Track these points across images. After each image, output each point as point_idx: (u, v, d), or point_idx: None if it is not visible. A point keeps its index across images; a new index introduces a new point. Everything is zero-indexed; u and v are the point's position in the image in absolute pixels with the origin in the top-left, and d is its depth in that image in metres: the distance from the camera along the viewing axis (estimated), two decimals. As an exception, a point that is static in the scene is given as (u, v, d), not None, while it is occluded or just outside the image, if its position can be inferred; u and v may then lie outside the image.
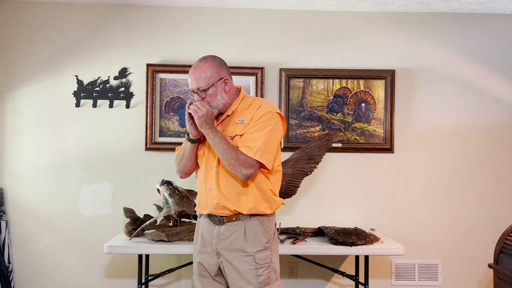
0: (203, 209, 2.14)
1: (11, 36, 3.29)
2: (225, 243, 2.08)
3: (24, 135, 3.29)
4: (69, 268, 3.28)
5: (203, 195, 2.13)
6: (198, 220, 2.24)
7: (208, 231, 2.14)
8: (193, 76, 2.06)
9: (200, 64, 2.08)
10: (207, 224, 2.15)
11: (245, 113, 2.10)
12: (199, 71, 2.06)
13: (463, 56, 3.39)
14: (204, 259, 2.17)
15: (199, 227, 2.22)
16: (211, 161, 2.10)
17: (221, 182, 2.08)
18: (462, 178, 3.38)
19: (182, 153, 2.19)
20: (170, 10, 3.34)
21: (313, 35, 3.38)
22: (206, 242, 2.16)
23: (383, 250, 2.76)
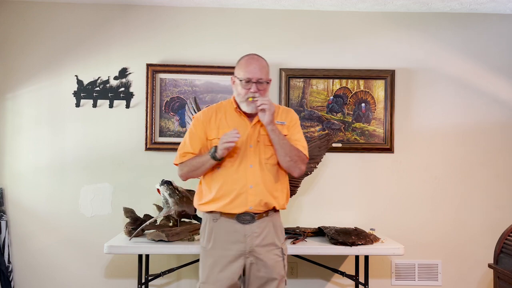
0: (239, 207, 2.12)
1: (11, 36, 3.29)
2: (258, 239, 2.14)
3: (24, 135, 3.28)
4: (69, 268, 3.28)
5: (242, 192, 2.12)
6: (213, 224, 2.17)
7: (233, 232, 2.13)
8: (258, 65, 2.12)
9: (260, 58, 2.18)
10: (233, 225, 2.13)
11: (279, 115, 2.22)
12: (262, 62, 2.16)
13: (463, 56, 3.39)
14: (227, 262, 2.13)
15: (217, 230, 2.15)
16: (251, 158, 2.15)
17: (266, 179, 2.15)
18: (462, 178, 3.38)
19: (197, 166, 2.17)
20: (170, 10, 3.34)
21: (313, 35, 3.38)
22: (230, 245, 2.13)
23: (383, 250, 2.76)
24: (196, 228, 2.87)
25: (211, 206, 2.18)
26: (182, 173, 2.24)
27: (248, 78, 2.10)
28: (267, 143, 2.17)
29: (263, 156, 2.16)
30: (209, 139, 2.20)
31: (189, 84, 3.32)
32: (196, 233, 2.83)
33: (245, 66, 2.14)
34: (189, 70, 3.29)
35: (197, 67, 3.29)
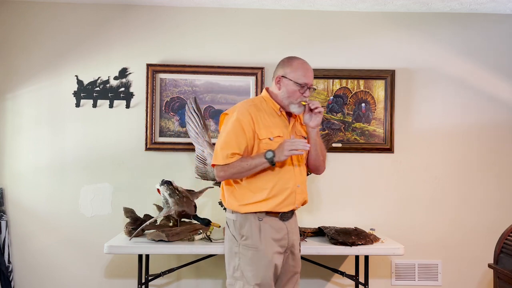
0: (288, 205, 2.18)
1: (11, 36, 3.29)
2: (295, 235, 2.26)
3: (24, 135, 3.28)
4: (69, 268, 3.28)
5: (292, 191, 2.18)
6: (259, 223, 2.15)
7: (279, 229, 2.17)
8: (312, 72, 2.21)
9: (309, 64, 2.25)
10: (277, 223, 2.18)
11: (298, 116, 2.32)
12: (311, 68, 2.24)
13: (463, 56, 3.39)
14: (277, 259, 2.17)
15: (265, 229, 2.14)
16: (295, 158, 2.20)
17: (304, 178, 2.27)
18: (462, 178, 3.38)
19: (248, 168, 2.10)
20: (170, 10, 3.34)
21: (313, 35, 3.38)
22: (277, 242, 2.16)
23: (383, 250, 2.76)
24: (196, 228, 2.87)
25: (261, 206, 2.15)
26: (225, 175, 2.14)
27: (305, 84, 2.16)
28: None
29: (301, 157, 2.24)
30: (259, 138, 2.14)
31: (189, 84, 3.32)
32: (196, 233, 2.83)
33: (302, 70, 2.18)
34: (189, 70, 3.30)
35: (197, 67, 3.29)
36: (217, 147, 2.16)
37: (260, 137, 2.14)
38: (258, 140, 2.14)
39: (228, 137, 2.13)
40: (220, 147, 2.14)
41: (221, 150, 2.13)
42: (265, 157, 2.07)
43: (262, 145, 2.14)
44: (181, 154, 3.30)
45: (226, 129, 2.15)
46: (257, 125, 2.14)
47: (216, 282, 3.32)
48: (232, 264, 2.19)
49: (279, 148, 2.08)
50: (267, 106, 2.22)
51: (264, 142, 2.14)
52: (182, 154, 3.30)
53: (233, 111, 2.20)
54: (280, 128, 2.19)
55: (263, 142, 2.14)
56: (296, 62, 2.21)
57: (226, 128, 2.16)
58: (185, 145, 3.27)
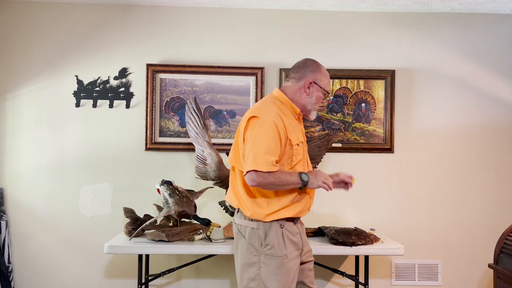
0: (306, 210, 2.21)
1: (11, 36, 3.29)
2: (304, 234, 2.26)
3: (24, 135, 3.28)
4: (69, 268, 3.28)
5: (311, 196, 2.22)
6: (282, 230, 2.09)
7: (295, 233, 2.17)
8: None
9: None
10: (293, 227, 2.15)
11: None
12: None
13: (463, 56, 3.39)
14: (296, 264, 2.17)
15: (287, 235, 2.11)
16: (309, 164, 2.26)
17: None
18: (462, 178, 3.38)
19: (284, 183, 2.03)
20: (170, 10, 3.34)
21: (313, 35, 3.38)
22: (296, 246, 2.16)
23: (383, 250, 2.76)
24: (196, 228, 2.87)
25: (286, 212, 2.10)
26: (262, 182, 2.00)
27: (328, 92, 2.23)
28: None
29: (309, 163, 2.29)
30: (292, 144, 2.08)
31: (189, 84, 3.32)
32: (196, 233, 2.83)
33: (328, 78, 2.22)
34: (189, 70, 3.30)
35: (197, 67, 3.29)
36: (259, 151, 1.99)
37: (292, 142, 2.07)
38: (290, 145, 2.07)
39: (270, 143, 2.00)
40: (264, 152, 1.99)
41: (264, 155, 1.98)
42: (300, 178, 2.03)
43: (292, 151, 2.07)
44: (181, 154, 3.30)
45: (265, 133, 2.01)
46: (288, 130, 2.07)
47: (216, 282, 3.32)
48: (247, 275, 2.09)
49: (315, 175, 2.05)
50: (287, 110, 2.14)
51: (295, 148, 2.08)
52: (182, 154, 3.30)
53: (262, 114, 2.06)
54: (301, 133, 2.17)
55: (294, 148, 2.08)
56: (323, 69, 2.21)
57: (263, 132, 2.01)
58: (185, 145, 3.27)
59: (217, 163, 2.87)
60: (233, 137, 3.29)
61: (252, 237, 2.09)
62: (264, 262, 2.06)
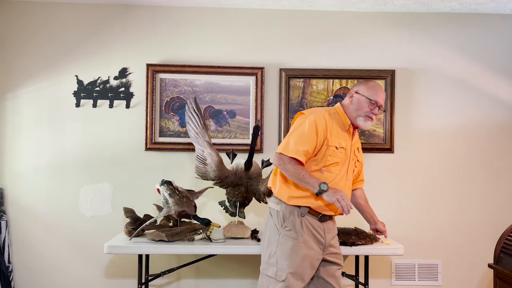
0: (331, 211, 2.32)
1: (11, 36, 3.29)
2: (331, 234, 2.39)
3: (24, 135, 3.29)
4: (69, 268, 3.28)
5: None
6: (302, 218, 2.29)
7: (317, 228, 2.31)
8: (384, 94, 2.42)
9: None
10: (315, 221, 2.31)
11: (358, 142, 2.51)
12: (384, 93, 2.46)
13: (463, 56, 3.39)
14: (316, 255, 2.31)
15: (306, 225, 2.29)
16: (349, 173, 2.39)
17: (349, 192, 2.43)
18: (462, 178, 3.38)
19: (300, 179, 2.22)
20: (170, 10, 3.34)
21: (313, 35, 3.38)
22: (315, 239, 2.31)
23: (383, 250, 2.76)
24: (196, 228, 2.87)
25: (309, 201, 2.28)
26: (282, 164, 2.24)
27: (377, 102, 2.34)
28: (356, 164, 2.44)
29: (352, 174, 2.43)
30: (330, 144, 2.28)
31: (189, 84, 3.32)
32: (196, 233, 2.83)
33: (375, 90, 2.37)
34: (189, 70, 3.30)
35: (197, 67, 3.29)
36: (291, 139, 2.26)
37: (330, 143, 2.28)
38: (327, 145, 2.28)
39: (304, 135, 2.25)
40: (295, 141, 2.24)
41: (295, 144, 2.24)
42: (319, 185, 2.18)
43: (328, 151, 2.28)
44: (181, 154, 3.31)
45: (303, 127, 2.27)
46: (329, 131, 2.29)
47: (216, 282, 3.32)
48: (268, 251, 2.32)
49: (333, 189, 2.19)
50: (338, 118, 2.37)
51: (331, 149, 2.29)
52: (182, 154, 3.30)
53: (310, 113, 2.34)
54: (346, 141, 2.35)
55: (331, 149, 2.29)
56: (371, 82, 2.42)
57: (303, 126, 2.28)
58: (185, 145, 3.27)
59: (217, 163, 2.87)
60: (233, 137, 3.31)
61: (276, 218, 2.33)
62: (281, 242, 2.29)
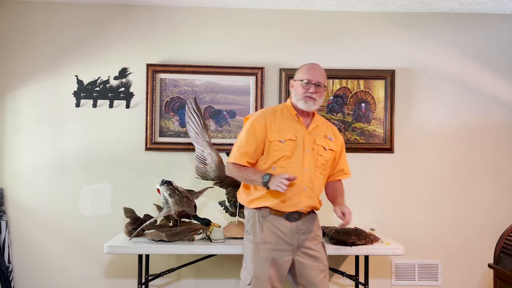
0: (291, 206, 2.29)
1: (11, 36, 3.29)
2: (304, 235, 2.33)
3: (24, 135, 3.28)
4: (69, 268, 3.28)
5: (297, 193, 2.29)
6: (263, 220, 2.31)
7: (283, 229, 2.30)
8: (318, 70, 2.36)
9: (320, 66, 2.40)
10: (281, 222, 2.30)
11: (326, 129, 2.44)
12: (321, 69, 2.39)
13: (463, 56, 3.39)
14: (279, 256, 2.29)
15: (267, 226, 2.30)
16: (307, 163, 2.32)
17: (316, 184, 2.35)
18: (462, 178, 3.38)
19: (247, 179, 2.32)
20: (170, 10, 3.34)
21: (313, 35, 3.38)
22: (280, 240, 2.29)
23: (383, 250, 2.76)
24: (196, 228, 2.87)
25: (263, 202, 2.31)
26: (230, 173, 2.38)
27: (309, 80, 2.32)
28: (320, 153, 2.36)
29: (315, 164, 2.35)
30: (270, 140, 2.31)
31: (189, 84, 3.32)
32: (196, 233, 2.83)
33: (307, 70, 2.36)
34: (189, 70, 3.30)
35: (197, 67, 3.29)
36: (234, 147, 2.39)
37: (270, 139, 2.31)
38: (269, 142, 2.31)
39: (242, 139, 2.35)
40: (236, 147, 2.36)
41: (236, 149, 2.35)
42: (262, 178, 2.23)
43: (272, 147, 2.30)
44: (181, 154, 3.30)
45: (242, 131, 2.39)
46: (270, 128, 2.32)
47: (216, 282, 3.32)
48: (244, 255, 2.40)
49: (273, 176, 2.20)
50: (287, 112, 2.39)
51: (275, 144, 2.30)
52: (182, 154, 3.30)
53: (252, 115, 2.43)
54: (296, 132, 2.34)
55: (274, 144, 2.30)
56: (305, 65, 2.41)
57: (242, 130, 2.40)
58: (185, 145, 3.27)
59: (217, 163, 2.87)
60: (233, 137, 3.30)
61: (245, 222, 2.43)
62: (245, 246, 2.38)
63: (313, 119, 2.40)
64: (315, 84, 2.31)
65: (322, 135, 2.39)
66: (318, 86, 2.32)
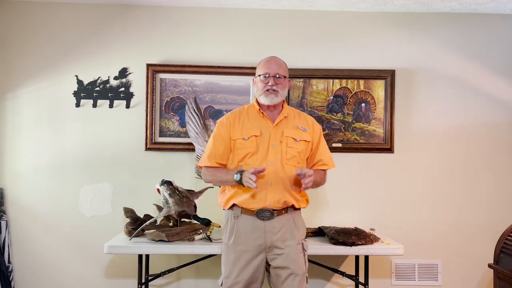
0: (258, 202, 2.24)
1: (11, 36, 3.29)
2: (278, 235, 2.25)
3: (24, 135, 3.28)
4: (69, 268, 3.28)
5: (263, 189, 2.23)
6: (235, 220, 2.30)
7: (254, 228, 2.25)
8: (275, 62, 2.33)
9: (277, 58, 2.37)
10: (253, 221, 2.26)
11: (299, 120, 2.38)
12: (279, 60, 2.36)
13: (463, 56, 3.39)
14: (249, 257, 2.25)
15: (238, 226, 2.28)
16: (272, 157, 2.27)
17: (286, 178, 2.27)
18: (462, 178, 3.38)
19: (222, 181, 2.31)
20: (170, 10, 3.34)
21: (313, 35, 3.38)
22: (251, 240, 2.25)
23: (383, 250, 2.76)
24: (196, 228, 2.87)
25: (233, 200, 2.30)
26: (205, 179, 2.37)
27: (267, 73, 2.29)
28: (290, 144, 2.30)
29: (284, 156, 2.28)
30: (233, 139, 2.31)
31: (189, 84, 3.32)
32: (196, 233, 2.83)
33: (264, 63, 2.34)
34: (189, 70, 3.30)
35: (197, 67, 3.29)
36: (204, 151, 2.42)
37: (233, 138, 2.31)
38: (233, 141, 2.31)
39: (209, 143, 2.38)
40: (206, 151, 2.39)
41: (205, 154, 2.38)
42: (234, 177, 2.22)
43: (236, 145, 2.30)
44: (181, 154, 3.30)
45: (211, 136, 2.41)
46: (233, 128, 2.32)
47: (216, 282, 3.31)
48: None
49: (244, 172, 2.19)
50: (253, 110, 2.39)
51: (238, 141, 2.30)
52: (182, 154, 3.30)
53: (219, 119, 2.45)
54: (261, 128, 2.31)
55: (238, 142, 2.30)
56: (262, 60, 2.39)
57: (211, 135, 2.42)
58: (185, 145, 3.27)
59: (217, 163, 2.87)
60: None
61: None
62: (222, 247, 2.39)
63: (281, 112, 2.36)
64: (274, 76, 2.28)
65: (292, 126, 2.34)
66: (278, 78, 2.29)
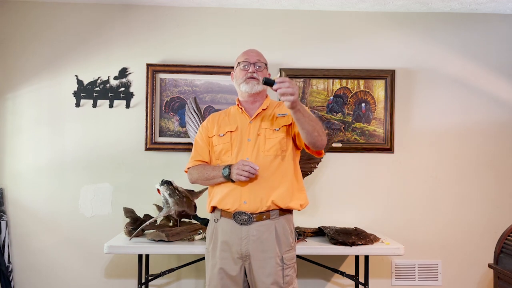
0: (233, 201, 2.08)
1: (11, 36, 3.29)
2: (255, 244, 2.07)
3: (24, 135, 3.29)
4: (69, 268, 3.28)
5: (236, 186, 2.09)
6: (215, 225, 2.18)
7: (230, 233, 2.11)
8: (254, 51, 2.29)
9: (255, 49, 2.33)
10: (230, 226, 2.11)
11: (278, 109, 2.24)
12: (257, 51, 2.31)
13: (463, 56, 3.40)
14: (226, 264, 2.11)
15: (217, 231, 2.16)
16: (248, 152, 2.13)
17: (265, 171, 2.08)
18: (462, 178, 3.39)
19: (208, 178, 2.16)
20: (170, 10, 3.34)
21: (313, 35, 3.38)
22: (227, 246, 2.11)
23: (383, 250, 2.76)
24: (196, 228, 2.87)
25: (212, 202, 2.21)
26: (191, 178, 2.28)
27: (247, 59, 2.24)
28: (268, 136, 2.13)
29: (261, 148, 2.12)
30: (209, 136, 2.28)
31: (189, 84, 3.32)
32: (196, 233, 2.83)
33: (243, 54, 2.29)
34: (189, 70, 3.30)
35: (197, 67, 3.29)
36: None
37: (209, 135, 2.28)
38: (210, 138, 2.27)
39: (194, 145, 2.35)
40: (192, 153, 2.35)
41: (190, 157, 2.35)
42: (222, 172, 2.09)
43: (213, 142, 2.25)
44: (181, 154, 3.30)
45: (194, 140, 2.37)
46: (212, 125, 2.28)
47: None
48: None
49: (233, 166, 2.06)
50: (234, 108, 2.32)
51: (214, 138, 2.25)
52: (182, 154, 3.30)
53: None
54: (237, 123, 2.23)
55: (214, 139, 2.25)
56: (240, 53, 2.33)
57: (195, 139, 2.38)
58: (185, 145, 3.27)
59: (217, 163, 2.87)
60: (233, 137, 3.30)
61: None
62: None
63: (262, 104, 2.24)
64: (254, 63, 2.21)
65: (270, 117, 2.19)
66: (258, 67, 2.22)
